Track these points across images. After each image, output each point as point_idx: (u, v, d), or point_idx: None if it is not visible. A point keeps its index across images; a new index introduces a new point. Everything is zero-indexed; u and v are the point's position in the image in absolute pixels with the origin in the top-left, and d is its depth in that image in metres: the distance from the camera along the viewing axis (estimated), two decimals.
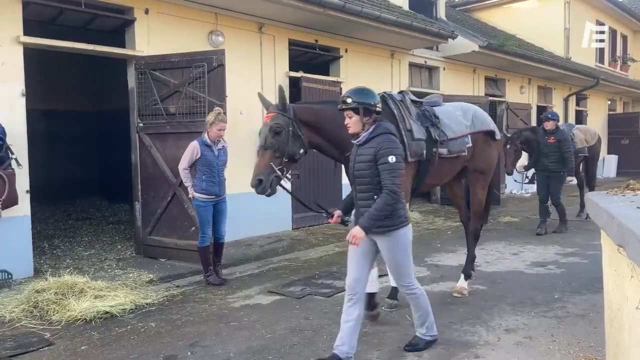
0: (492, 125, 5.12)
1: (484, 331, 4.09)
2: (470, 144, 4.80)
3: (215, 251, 5.69)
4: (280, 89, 3.79)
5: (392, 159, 3.22)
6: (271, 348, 3.82)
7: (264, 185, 3.63)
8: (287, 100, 3.86)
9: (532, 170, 8.80)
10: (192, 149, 5.41)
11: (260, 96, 4.04)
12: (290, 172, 3.92)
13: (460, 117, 4.81)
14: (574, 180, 8.81)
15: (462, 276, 5.16)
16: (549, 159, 8.14)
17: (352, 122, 3.37)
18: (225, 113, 5.67)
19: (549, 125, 8.20)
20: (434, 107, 4.70)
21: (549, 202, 8.33)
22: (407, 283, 3.51)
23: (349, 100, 3.33)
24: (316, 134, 3.95)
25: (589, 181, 9.86)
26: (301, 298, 5.04)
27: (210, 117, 5.40)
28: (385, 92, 4.44)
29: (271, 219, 8.28)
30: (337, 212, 3.68)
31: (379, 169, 3.24)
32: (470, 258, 5.25)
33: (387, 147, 3.25)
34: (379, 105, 3.39)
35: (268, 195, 3.71)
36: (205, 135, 5.45)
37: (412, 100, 4.56)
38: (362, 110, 3.32)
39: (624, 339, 2.41)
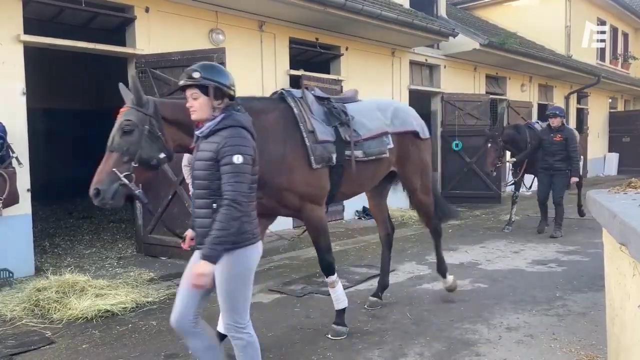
0: (416, 124, 4.58)
1: (485, 329, 4.09)
2: (391, 145, 4.27)
3: None
4: (134, 79, 3.11)
5: (237, 158, 2.53)
6: (272, 347, 3.82)
7: (102, 196, 2.90)
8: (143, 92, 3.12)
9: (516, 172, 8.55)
10: None
11: (122, 87, 3.26)
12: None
13: (378, 114, 4.30)
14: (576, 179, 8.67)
15: (441, 276, 4.97)
16: (554, 158, 7.80)
17: (198, 105, 2.65)
18: None
19: (555, 122, 7.85)
20: (346, 104, 4.15)
21: (549, 201, 8.10)
22: (238, 323, 2.70)
23: (196, 75, 2.62)
24: (189, 136, 3.03)
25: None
26: (302, 296, 5.04)
27: None
28: (283, 89, 3.96)
29: None
30: (189, 234, 2.97)
31: (221, 172, 2.56)
32: (439, 255, 4.95)
33: (233, 143, 2.55)
34: (234, 88, 2.73)
35: (112, 207, 3.04)
36: None
37: (317, 97, 4.00)
38: (212, 90, 2.63)
39: (625, 337, 2.40)
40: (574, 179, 7.91)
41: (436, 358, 3.58)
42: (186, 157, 5.48)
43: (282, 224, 8.54)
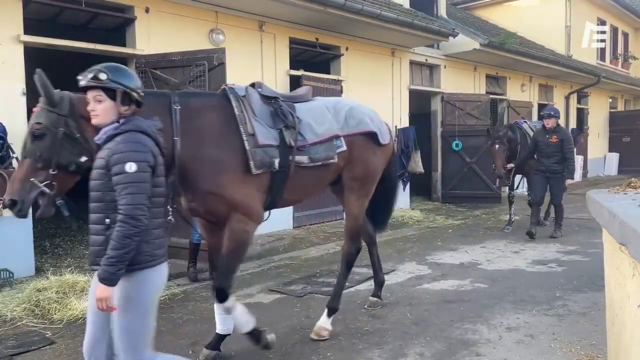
0: (374, 126, 4.07)
1: (485, 329, 4.09)
2: (344, 148, 3.84)
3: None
4: (40, 75, 2.67)
5: (130, 167, 2.24)
6: (273, 346, 3.82)
7: (19, 207, 2.62)
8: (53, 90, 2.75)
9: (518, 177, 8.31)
10: None
11: (37, 79, 2.75)
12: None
13: (330, 116, 3.88)
14: (577, 178, 8.54)
15: (325, 312, 4.10)
16: (550, 160, 7.54)
17: (102, 110, 2.40)
18: None
19: (550, 122, 7.60)
20: (296, 103, 3.79)
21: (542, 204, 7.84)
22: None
23: (103, 77, 2.38)
24: None
25: None
26: (302, 297, 5.04)
27: None
28: (226, 86, 3.58)
29: (272, 217, 8.08)
30: None
31: (113, 182, 2.28)
32: (340, 288, 4.22)
33: (126, 149, 2.28)
34: (141, 93, 2.51)
35: (40, 217, 2.76)
36: None
37: (264, 96, 3.63)
38: (120, 96, 2.40)
39: (625, 337, 2.40)
40: (570, 181, 7.61)
41: (436, 358, 3.58)
42: None
43: (282, 223, 8.55)
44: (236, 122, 3.35)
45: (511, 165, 8.20)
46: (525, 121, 9.39)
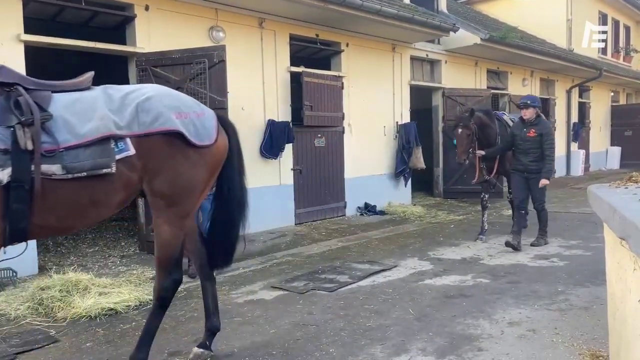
0: (180, 123, 3.00)
1: (487, 324, 4.10)
2: (130, 152, 2.86)
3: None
4: None
5: None
6: (275, 343, 3.84)
7: None
8: None
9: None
10: None
11: None
12: None
13: (107, 109, 2.87)
14: (579, 173, 8.21)
15: (207, 337, 3.60)
16: (528, 157, 6.63)
17: None
18: (226, 108, 5.69)
19: (527, 113, 6.61)
20: (56, 94, 2.88)
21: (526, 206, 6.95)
22: None
23: None
24: None
25: None
26: (304, 293, 5.05)
27: None
28: None
29: (274, 215, 8.30)
30: None
31: None
32: (150, 332, 3.25)
33: None
34: None
35: None
36: None
37: None
38: None
39: (626, 331, 2.41)
40: (544, 182, 6.58)
41: (438, 353, 3.59)
42: None
43: (284, 220, 8.56)
44: None
45: (481, 152, 7.30)
46: (504, 113, 8.82)
